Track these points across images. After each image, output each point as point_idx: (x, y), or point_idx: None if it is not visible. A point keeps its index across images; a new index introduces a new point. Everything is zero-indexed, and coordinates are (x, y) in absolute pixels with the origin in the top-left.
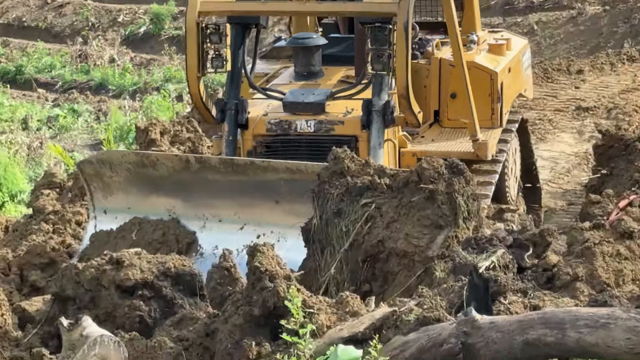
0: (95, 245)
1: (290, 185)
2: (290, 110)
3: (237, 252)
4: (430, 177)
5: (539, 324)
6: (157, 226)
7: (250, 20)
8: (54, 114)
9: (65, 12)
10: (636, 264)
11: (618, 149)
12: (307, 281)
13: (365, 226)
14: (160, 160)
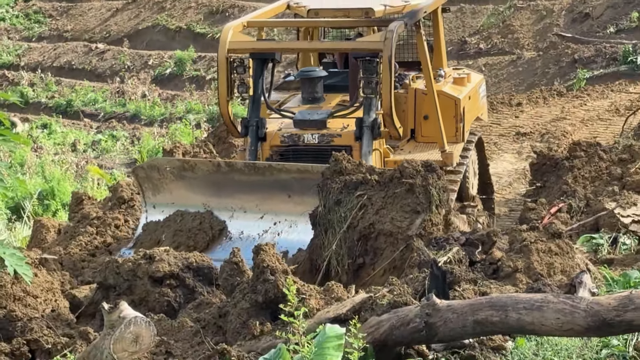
0: (147, 233)
1: (300, 183)
2: (299, 126)
3: (257, 236)
4: (410, 174)
5: (487, 306)
6: (195, 217)
7: (267, 56)
8: (97, 138)
9: (106, 57)
10: (564, 258)
11: (549, 166)
12: (313, 255)
13: (359, 212)
14: (197, 165)
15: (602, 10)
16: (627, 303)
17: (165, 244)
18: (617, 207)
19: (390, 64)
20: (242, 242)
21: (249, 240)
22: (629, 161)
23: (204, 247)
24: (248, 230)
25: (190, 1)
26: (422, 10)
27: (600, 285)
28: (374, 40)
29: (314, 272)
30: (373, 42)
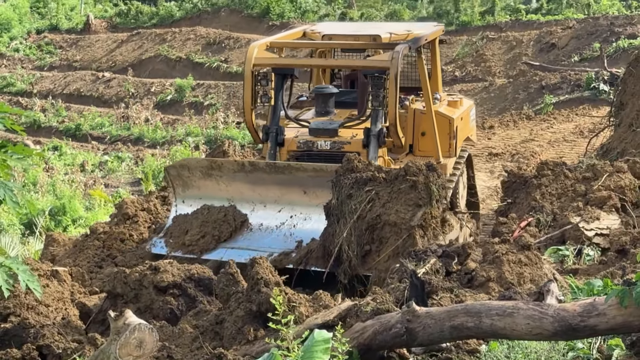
0: (176, 224)
1: (314, 180)
2: (314, 134)
3: (275, 227)
4: (413, 172)
5: (462, 313)
6: (220, 210)
7: (288, 71)
8: (104, 160)
9: (112, 85)
10: (533, 268)
11: (519, 184)
12: (327, 242)
13: (368, 205)
14: (224, 164)
15: (567, 41)
16: (590, 309)
17: (193, 233)
18: (582, 221)
19: (396, 80)
20: (262, 232)
21: (268, 231)
22: (592, 179)
23: (228, 236)
24: (267, 222)
25: (189, 33)
26: (423, 38)
27: (566, 293)
28: (383, 59)
29: (326, 257)
30: (382, 60)
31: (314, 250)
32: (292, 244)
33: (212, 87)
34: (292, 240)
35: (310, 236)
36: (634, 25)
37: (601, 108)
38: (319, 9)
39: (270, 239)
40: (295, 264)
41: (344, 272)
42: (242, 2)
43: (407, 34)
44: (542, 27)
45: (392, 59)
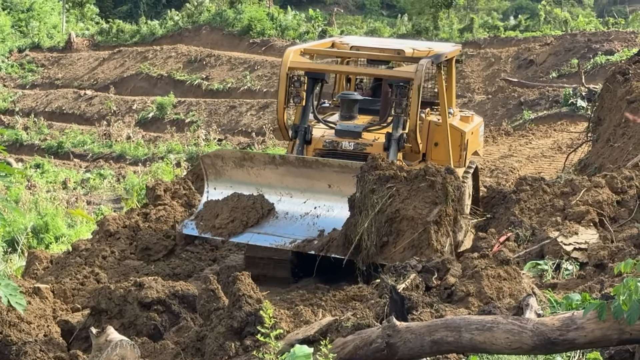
0: (207, 209)
1: (339, 176)
2: (339, 135)
3: (300, 217)
4: (432, 173)
5: (442, 327)
6: (249, 198)
7: (318, 76)
8: (86, 177)
9: (93, 103)
10: (512, 283)
11: (498, 199)
12: (348, 231)
13: (388, 200)
14: (256, 157)
15: (545, 58)
16: (569, 323)
17: (223, 217)
18: (560, 236)
19: (419, 90)
20: (287, 220)
21: (293, 219)
22: (571, 194)
23: (255, 222)
24: (292, 212)
25: (170, 51)
26: (444, 55)
27: (545, 307)
28: (408, 70)
29: (347, 245)
30: (406, 71)
31: (335, 239)
32: (315, 232)
33: (194, 104)
34: (314, 229)
35: (332, 226)
36: (611, 42)
37: (579, 124)
38: (299, 27)
39: (294, 227)
40: (317, 250)
41: (362, 260)
42: (223, 20)
43: (429, 50)
44: (521, 44)
45: (416, 70)
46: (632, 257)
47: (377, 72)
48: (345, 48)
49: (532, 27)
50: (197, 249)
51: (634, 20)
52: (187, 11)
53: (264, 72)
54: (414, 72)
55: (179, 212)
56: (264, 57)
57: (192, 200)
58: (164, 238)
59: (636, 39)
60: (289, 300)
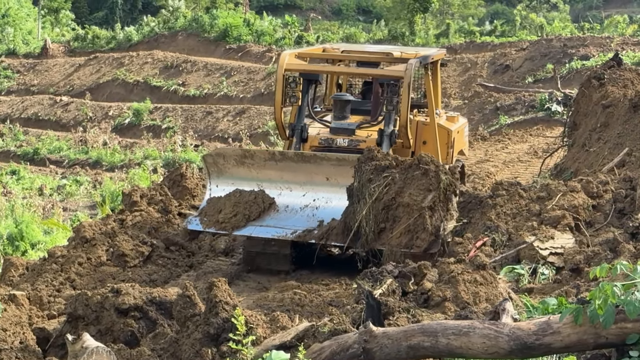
0: (210, 205)
1: (337, 169)
2: (334, 133)
3: (300, 209)
4: (426, 162)
5: (419, 333)
6: (251, 194)
7: (313, 77)
8: (62, 183)
9: (69, 109)
10: (488, 287)
11: (474, 203)
12: (347, 219)
13: (385, 189)
14: (256, 154)
15: (520, 63)
16: (545, 328)
17: (226, 212)
18: (536, 240)
19: (408, 88)
20: (287, 213)
21: (293, 211)
22: (547, 199)
23: (257, 216)
24: (292, 204)
25: (146, 57)
26: (430, 56)
27: (522, 312)
28: (398, 69)
29: (346, 233)
30: (397, 70)
31: (335, 227)
32: (315, 223)
33: (170, 110)
34: (314, 220)
35: (330, 216)
36: (587, 47)
37: (555, 128)
38: (276, 32)
39: (295, 219)
40: (317, 239)
41: (361, 246)
42: (199, 26)
43: (416, 53)
44: (496, 49)
45: (405, 69)
46: (607, 261)
47: (368, 72)
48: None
49: (508, 33)
50: (173, 255)
51: (609, 25)
52: (163, 17)
53: (241, 77)
54: (404, 71)
55: (155, 218)
56: (240, 62)
57: (168, 206)
58: (141, 244)
59: (611, 44)
60: (265, 306)
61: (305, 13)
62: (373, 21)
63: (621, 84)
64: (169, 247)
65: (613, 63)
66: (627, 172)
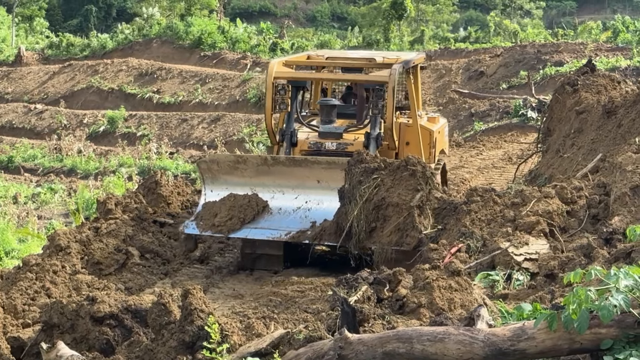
0: (206, 210)
1: (327, 172)
2: (322, 137)
3: (292, 211)
4: (413, 163)
5: (394, 339)
6: (244, 198)
7: (301, 84)
8: (37, 191)
9: (44, 117)
10: (463, 294)
11: (449, 210)
12: (340, 220)
13: (375, 190)
14: (249, 159)
15: (495, 69)
16: (520, 334)
17: (222, 216)
18: (511, 246)
19: (393, 92)
20: (281, 215)
21: (286, 213)
22: (521, 205)
23: (251, 219)
24: (285, 207)
25: (121, 64)
26: (412, 61)
27: (497, 317)
28: (382, 74)
29: (339, 232)
30: (381, 75)
31: (328, 228)
32: (307, 224)
33: (145, 117)
34: (307, 221)
35: (322, 217)
36: (560, 53)
37: (529, 134)
38: (250, 40)
39: (288, 220)
40: (311, 239)
41: (353, 245)
42: (174, 33)
43: (397, 58)
44: (471, 56)
45: (390, 74)
46: (582, 267)
47: (354, 78)
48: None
49: (482, 39)
50: (148, 262)
51: (583, 31)
52: (137, 24)
53: (215, 85)
54: (388, 76)
55: (130, 226)
56: (215, 70)
57: (143, 214)
58: (115, 252)
59: (585, 50)
60: (241, 313)
61: (280, 20)
62: (348, 28)
63: (595, 90)
64: (144, 254)
65: (586, 69)
66: (601, 178)
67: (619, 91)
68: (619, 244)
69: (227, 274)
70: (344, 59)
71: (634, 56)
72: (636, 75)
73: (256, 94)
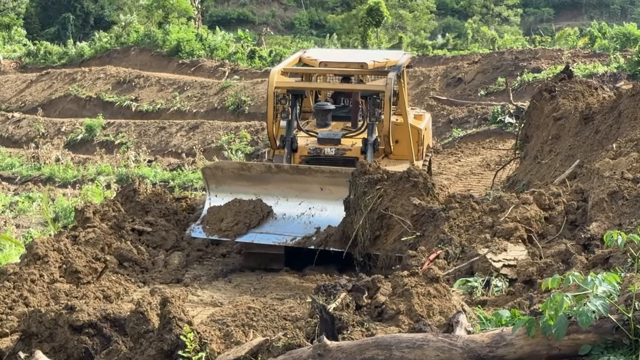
0: (211, 214)
1: (330, 180)
2: (321, 143)
3: (296, 217)
4: (415, 175)
5: (373, 346)
6: (249, 203)
7: (299, 92)
8: (15, 200)
9: (22, 125)
10: (442, 300)
11: (428, 216)
12: (345, 228)
13: (378, 200)
14: (253, 167)
15: (473, 76)
16: (499, 340)
17: (228, 221)
18: (489, 252)
19: (389, 100)
20: (285, 220)
21: (290, 219)
22: (499, 211)
23: (257, 224)
24: (289, 213)
25: (99, 72)
26: (402, 65)
27: (475, 324)
28: (379, 84)
29: (344, 240)
30: (378, 85)
31: (333, 235)
32: (312, 230)
33: (123, 125)
34: (311, 227)
35: (326, 223)
36: (538, 59)
37: (507, 141)
38: (229, 47)
39: (293, 226)
40: (316, 245)
41: (358, 252)
42: (152, 41)
43: (386, 61)
44: (449, 62)
45: (386, 84)
46: (560, 272)
47: (352, 87)
48: (314, 63)
49: (460, 46)
50: (127, 270)
51: (560, 38)
52: (115, 32)
53: (194, 92)
54: (385, 85)
55: (108, 234)
56: (193, 77)
57: (121, 222)
58: (94, 260)
59: (562, 56)
60: (219, 321)
61: (258, 27)
62: (326, 35)
63: (572, 96)
64: (122, 262)
65: (564, 75)
66: (579, 184)
67: (596, 97)
68: (597, 249)
69: (206, 282)
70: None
71: (611, 62)
72: (613, 81)
73: (234, 102)
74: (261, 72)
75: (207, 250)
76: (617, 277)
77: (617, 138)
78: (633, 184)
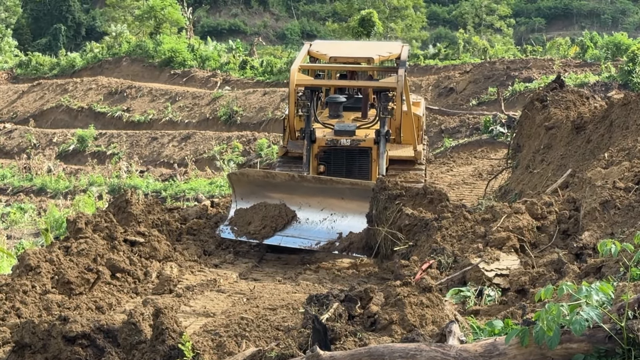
0: (238, 216)
1: (350, 190)
2: (338, 134)
3: (319, 222)
4: (430, 192)
5: (366, 356)
6: (275, 208)
7: (317, 89)
8: (7, 211)
9: (13, 136)
10: (435, 310)
11: (420, 226)
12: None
13: (399, 213)
14: (277, 176)
15: (464, 85)
16: (492, 349)
17: (256, 225)
18: (482, 262)
19: (401, 95)
20: (309, 225)
21: (314, 224)
22: (491, 220)
23: (282, 227)
24: (312, 218)
25: (90, 83)
26: (407, 60)
27: (468, 333)
28: (391, 81)
29: (368, 249)
30: (390, 82)
31: (355, 242)
32: (334, 235)
33: (115, 136)
34: (333, 232)
35: (348, 230)
36: (529, 69)
37: (499, 150)
38: (220, 57)
39: (316, 230)
40: (340, 251)
41: (381, 259)
42: (144, 51)
43: (390, 54)
44: (440, 72)
45: (397, 81)
46: (552, 282)
47: (366, 84)
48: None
49: (452, 56)
50: (119, 281)
51: (552, 47)
52: (106, 43)
53: (186, 102)
54: (396, 82)
55: (100, 245)
56: (185, 88)
57: (114, 233)
58: (86, 271)
59: (553, 66)
60: (212, 331)
61: (250, 38)
62: None
63: (563, 105)
64: (115, 273)
65: (555, 85)
66: (571, 193)
67: (588, 107)
68: (589, 259)
69: (199, 292)
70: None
71: (602, 72)
72: (604, 90)
73: (226, 112)
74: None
75: (200, 261)
76: (610, 287)
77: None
78: (625, 193)
